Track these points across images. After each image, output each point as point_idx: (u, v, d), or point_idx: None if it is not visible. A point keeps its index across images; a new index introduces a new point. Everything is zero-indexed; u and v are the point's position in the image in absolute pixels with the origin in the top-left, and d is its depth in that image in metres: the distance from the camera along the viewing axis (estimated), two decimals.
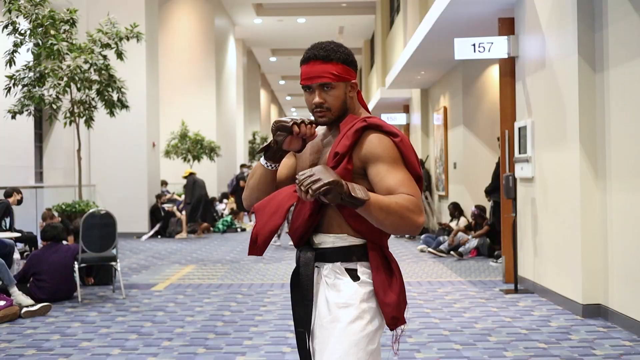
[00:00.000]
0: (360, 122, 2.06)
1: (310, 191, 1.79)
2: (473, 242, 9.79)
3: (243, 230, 15.33)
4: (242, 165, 18.24)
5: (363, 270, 2.08)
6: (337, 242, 2.09)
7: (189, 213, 13.83)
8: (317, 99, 2.08)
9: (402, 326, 2.10)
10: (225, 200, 17.45)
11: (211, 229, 15.07)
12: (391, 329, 2.09)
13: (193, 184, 13.84)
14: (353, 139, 2.03)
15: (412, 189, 1.96)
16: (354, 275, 2.07)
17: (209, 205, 14.46)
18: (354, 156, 2.04)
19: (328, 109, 2.08)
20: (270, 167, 2.13)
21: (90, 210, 6.96)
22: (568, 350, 4.69)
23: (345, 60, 2.10)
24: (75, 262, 6.70)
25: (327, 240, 2.11)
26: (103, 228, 6.86)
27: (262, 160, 2.15)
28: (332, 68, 2.08)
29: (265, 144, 2.13)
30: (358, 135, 2.04)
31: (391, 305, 2.05)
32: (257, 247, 2.08)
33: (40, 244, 7.02)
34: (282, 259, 10.08)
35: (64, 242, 7.20)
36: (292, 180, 2.25)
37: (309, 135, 2.04)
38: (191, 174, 14.07)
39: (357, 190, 1.84)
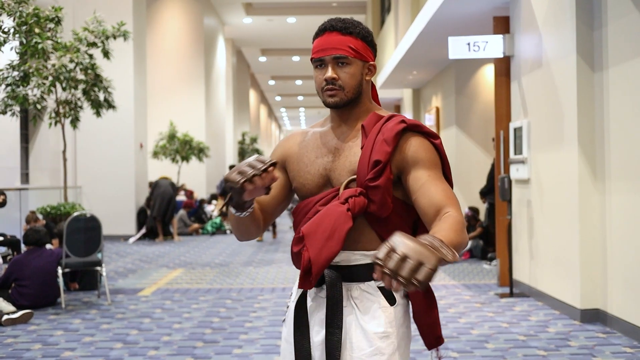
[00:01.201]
0: (397, 123, 1.79)
1: (413, 283, 1.32)
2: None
3: (232, 232, 15.11)
4: (232, 167, 18.04)
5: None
6: (364, 258, 1.82)
7: (151, 216, 13.42)
8: (330, 73, 1.79)
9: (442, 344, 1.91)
10: (214, 202, 17.25)
11: (200, 231, 14.87)
12: (429, 348, 1.89)
13: (154, 187, 13.47)
14: (394, 144, 1.76)
15: (456, 204, 1.70)
16: (388, 295, 1.82)
17: (168, 205, 13.34)
18: (391, 162, 1.78)
19: (341, 88, 1.80)
20: (243, 215, 1.81)
21: (75, 214, 6.76)
22: (568, 357, 4.55)
23: (365, 37, 1.83)
24: (59, 267, 6.50)
25: (352, 258, 1.83)
26: (88, 232, 6.66)
27: (232, 210, 1.81)
28: (350, 41, 1.80)
29: (226, 199, 1.78)
30: (398, 139, 1.78)
31: (433, 325, 1.87)
32: (312, 278, 1.76)
33: (23, 248, 6.81)
34: (272, 262, 9.90)
35: (48, 246, 7.00)
36: (284, 199, 1.96)
37: (269, 183, 1.70)
38: (163, 179, 13.70)
39: (445, 252, 1.40)
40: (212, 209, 16.58)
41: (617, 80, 5.18)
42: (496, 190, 7.30)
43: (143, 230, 13.43)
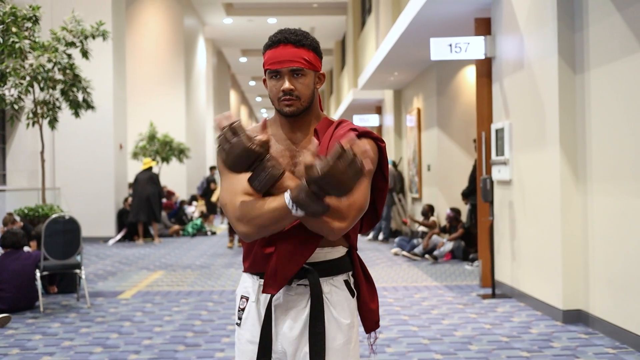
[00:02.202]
0: (348, 130, 1.93)
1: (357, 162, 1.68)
2: (448, 246, 9.67)
3: (213, 233, 15.04)
4: (212, 168, 17.92)
5: (352, 281, 2.02)
6: (329, 254, 1.97)
7: (132, 213, 13.22)
8: (287, 85, 1.91)
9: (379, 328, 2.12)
10: (194, 203, 17.13)
11: (180, 232, 14.75)
12: (368, 332, 2.09)
13: (132, 184, 13.23)
14: None
15: (354, 194, 1.82)
16: (349, 288, 2.01)
17: (148, 202, 13.00)
18: None
19: (298, 98, 1.92)
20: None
21: (53, 216, 6.65)
22: (551, 358, 4.57)
23: (315, 49, 1.97)
24: (37, 270, 6.39)
25: (318, 255, 1.96)
26: (66, 234, 6.55)
27: (298, 210, 1.79)
28: (303, 53, 1.93)
29: (265, 176, 1.79)
30: None
31: (375, 310, 2.07)
32: (277, 282, 1.91)
33: (0, 250, 6.69)
34: None
35: (26, 249, 6.88)
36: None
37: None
38: (143, 171, 13.42)
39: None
40: (193, 210, 16.46)
41: (598, 81, 5.20)
42: (478, 191, 7.32)
43: (122, 232, 13.28)
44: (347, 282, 2.00)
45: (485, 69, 7.37)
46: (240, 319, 2.02)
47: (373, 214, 2.08)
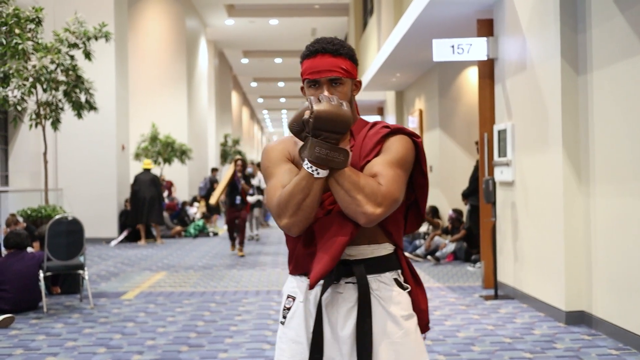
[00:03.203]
0: (381, 127, 1.99)
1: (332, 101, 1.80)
2: (450, 247, 9.67)
3: (215, 234, 15.05)
4: (214, 170, 17.94)
5: (402, 279, 2.04)
6: (376, 251, 1.98)
7: (131, 215, 13.27)
8: (326, 94, 1.93)
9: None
10: (196, 204, 17.14)
11: (182, 233, 14.76)
12: (422, 333, 2.10)
13: (132, 185, 13.29)
14: (380, 146, 1.96)
15: (390, 183, 1.87)
16: (399, 284, 2.02)
17: (151, 205, 13.07)
18: None
19: None
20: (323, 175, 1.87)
21: (56, 217, 6.67)
22: None
23: (352, 57, 2.01)
24: (41, 271, 6.40)
25: (366, 251, 1.97)
26: (70, 235, 6.56)
27: (318, 170, 1.84)
28: (341, 63, 1.97)
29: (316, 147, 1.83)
30: (383, 142, 1.97)
31: (425, 311, 2.08)
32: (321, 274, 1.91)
33: (3, 251, 6.70)
34: (256, 264, 9.85)
35: (29, 250, 6.89)
36: None
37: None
38: (144, 170, 13.51)
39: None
40: (195, 211, 16.48)
41: (601, 83, 5.21)
42: (480, 192, 7.32)
43: (125, 233, 13.30)
44: (396, 280, 2.01)
45: (487, 70, 7.38)
46: (285, 317, 2.03)
47: (417, 213, 2.11)
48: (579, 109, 5.54)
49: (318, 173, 1.83)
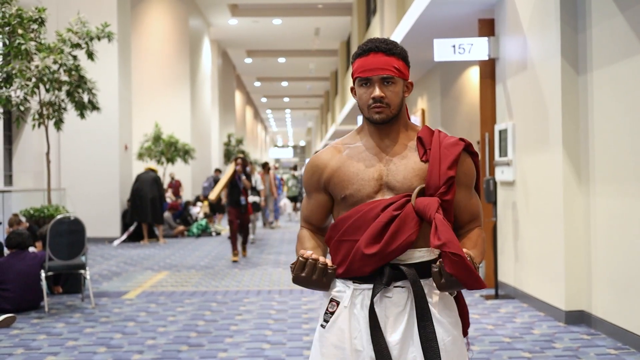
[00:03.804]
0: (457, 141, 2.02)
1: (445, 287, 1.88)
2: None
3: (218, 234, 15.07)
4: (217, 170, 17.96)
5: None
6: (426, 255, 1.96)
7: (130, 212, 13.32)
8: (378, 92, 1.94)
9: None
10: (199, 204, 17.17)
11: (185, 233, 14.79)
12: (463, 336, 2.10)
13: (134, 183, 13.34)
14: (457, 162, 1.99)
15: (481, 216, 2.10)
16: None
17: (153, 204, 13.14)
18: None
19: (388, 105, 1.96)
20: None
21: (58, 217, 6.69)
22: (553, 359, 4.57)
23: (404, 58, 2.01)
24: (42, 271, 6.43)
25: (416, 255, 1.96)
26: (71, 235, 6.59)
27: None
28: (394, 62, 1.96)
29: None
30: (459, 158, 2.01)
31: (467, 313, 2.09)
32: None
33: (5, 251, 6.73)
34: (257, 264, 9.87)
35: (31, 249, 6.92)
36: (329, 217, 2.15)
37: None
38: (147, 170, 13.61)
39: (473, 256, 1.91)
40: (198, 210, 16.51)
41: (601, 82, 5.21)
42: (481, 192, 7.32)
43: (128, 232, 13.33)
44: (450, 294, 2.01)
45: (488, 70, 7.38)
46: (326, 321, 1.99)
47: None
48: (579, 108, 5.54)
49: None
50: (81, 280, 7.06)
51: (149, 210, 13.03)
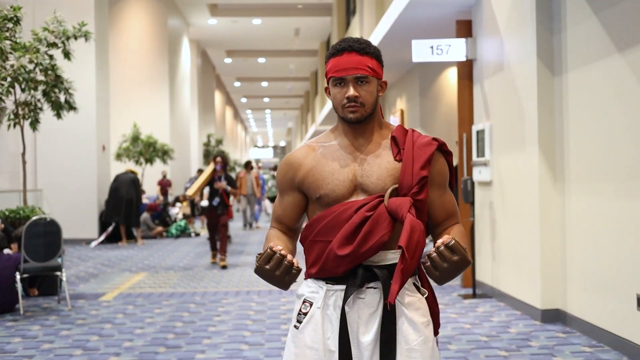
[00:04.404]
0: (430, 141, 2.02)
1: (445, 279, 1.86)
2: (429, 246, 9.71)
3: (197, 235, 15.00)
4: (200, 171, 17.87)
5: (420, 283, 2.04)
6: (397, 257, 1.95)
7: (105, 215, 13.22)
8: (352, 92, 1.95)
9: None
10: (178, 204, 17.08)
11: (164, 234, 14.71)
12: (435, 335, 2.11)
13: (112, 183, 13.26)
14: (430, 161, 1.99)
15: (458, 214, 2.11)
16: (417, 288, 2.03)
17: (129, 206, 13.10)
18: None
19: (362, 105, 1.97)
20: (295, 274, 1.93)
21: (33, 218, 6.62)
22: (529, 357, 4.62)
23: (378, 57, 2.01)
24: (17, 273, 6.36)
25: (389, 257, 1.97)
26: (47, 236, 6.52)
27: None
28: (367, 61, 1.97)
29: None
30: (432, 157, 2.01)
31: (438, 313, 2.09)
32: (398, 289, 1.92)
33: None
34: (237, 265, 9.84)
35: (6, 251, 6.84)
36: (302, 217, 2.13)
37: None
38: (127, 172, 13.53)
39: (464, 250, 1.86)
40: (177, 211, 16.42)
41: (576, 83, 5.27)
42: (459, 192, 7.37)
43: (106, 234, 13.22)
44: (415, 285, 2.02)
45: (466, 70, 7.43)
46: (299, 322, 2.00)
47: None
48: (554, 109, 5.59)
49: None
50: (57, 282, 6.99)
51: (125, 212, 12.95)
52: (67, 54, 8.61)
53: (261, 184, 17.66)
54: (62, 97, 8.74)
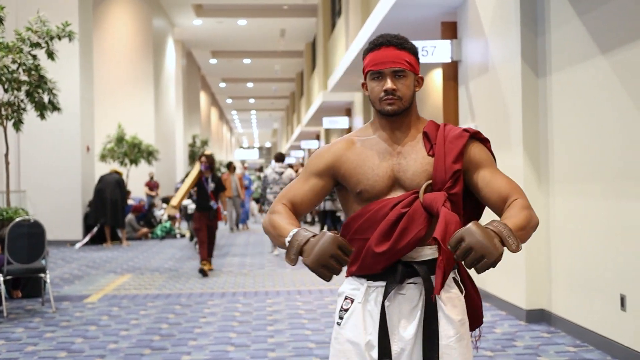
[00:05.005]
0: (462, 132, 2.02)
1: (478, 268, 1.70)
2: None
3: (182, 236, 14.94)
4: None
5: (459, 278, 2.04)
6: (436, 253, 1.96)
7: (90, 216, 13.13)
8: (390, 85, 1.97)
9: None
10: (164, 205, 17.00)
11: (149, 235, 14.63)
12: (473, 329, 2.12)
13: (97, 184, 13.21)
14: (462, 153, 1.98)
15: (519, 190, 1.99)
16: (458, 285, 2.03)
17: (114, 207, 13.02)
18: None
19: (400, 98, 1.98)
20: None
21: (17, 219, 6.57)
22: (514, 357, 4.64)
23: (415, 53, 2.03)
24: (1, 275, 6.29)
25: (426, 253, 1.98)
26: (31, 238, 6.46)
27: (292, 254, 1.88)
28: (405, 56, 2.00)
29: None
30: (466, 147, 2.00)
31: (480, 306, 2.11)
32: (442, 282, 1.92)
33: None
34: (222, 266, 9.81)
35: None
36: (317, 204, 2.11)
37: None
38: (111, 172, 13.48)
39: (511, 241, 1.75)
40: (162, 212, 16.35)
41: (560, 85, 5.31)
42: None
43: (90, 235, 13.13)
44: (455, 280, 2.03)
45: (451, 72, 7.46)
46: (341, 318, 2.02)
47: (476, 211, 2.13)
48: (538, 110, 5.63)
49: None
50: (41, 284, 6.93)
51: (109, 213, 12.88)
52: (50, 54, 8.54)
53: (247, 185, 17.61)
54: (45, 98, 8.67)
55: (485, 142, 2.07)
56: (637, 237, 4.30)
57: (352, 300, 2.02)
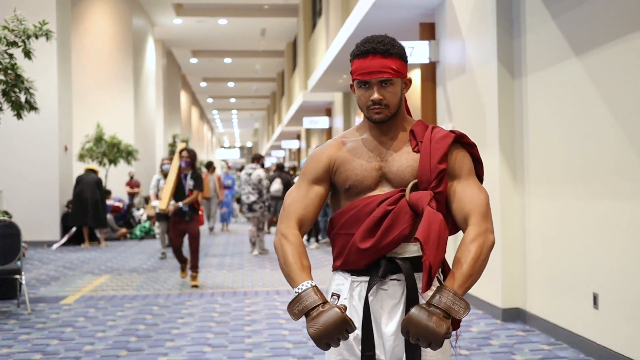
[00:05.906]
0: (448, 133, 2.03)
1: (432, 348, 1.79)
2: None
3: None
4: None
5: (442, 278, 2.06)
6: (420, 250, 1.97)
7: (73, 216, 13.04)
8: (376, 95, 1.99)
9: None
10: (144, 205, 16.90)
11: (128, 235, 14.54)
12: (453, 330, 2.09)
13: (75, 185, 13.13)
14: (448, 154, 2.00)
15: (481, 206, 1.96)
16: (439, 281, 2.04)
17: (95, 207, 12.88)
18: None
19: (386, 106, 2.01)
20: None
21: None
22: (489, 356, 4.68)
23: (402, 56, 2.03)
24: None
25: (411, 249, 2.01)
26: (5, 239, 6.40)
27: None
28: (391, 63, 2.00)
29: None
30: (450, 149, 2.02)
31: None
32: (428, 281, 1.90)
33: None
34: (201, 266, 9.77)
35: None
36: (320, 209, 2.11)
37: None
38: (88, 171, 13.39)
39: (457, 309, 1.83)
40: (141, 212, 16.25)
41: (535, 86, 5.37)
42: None
43: (68, 236, 13.02)
44: (438, 279, 2.05)
45: (429, 73, 7.51)
46: None
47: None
48: (514, 111, 5.69)
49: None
50: (17, 285, 6.86)
51: (91, 213, 12.77)
52: (27, 53, 8.44)
53: (231, 185, 17.53)
54: (22, 97, 8.57)
55: (471, 147, 2.08)
56: (609, 237, 4.37)
57: (338, 297, 2.06)
